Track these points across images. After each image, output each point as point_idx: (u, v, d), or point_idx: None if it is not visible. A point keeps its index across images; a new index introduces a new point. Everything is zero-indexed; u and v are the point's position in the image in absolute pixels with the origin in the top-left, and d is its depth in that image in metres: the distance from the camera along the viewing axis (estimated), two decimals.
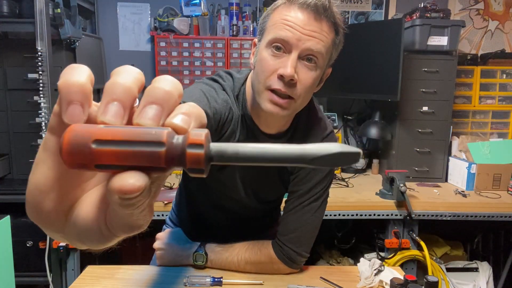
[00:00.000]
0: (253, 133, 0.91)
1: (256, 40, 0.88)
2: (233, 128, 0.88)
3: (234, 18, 2.37)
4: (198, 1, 2.32)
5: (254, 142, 0.68)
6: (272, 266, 1.04)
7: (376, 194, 1.89)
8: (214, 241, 1.07)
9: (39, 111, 1.73)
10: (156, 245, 1.08)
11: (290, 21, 0.78)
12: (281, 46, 0.79)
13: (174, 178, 2.02)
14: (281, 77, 0.78)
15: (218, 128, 0.84)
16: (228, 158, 0.25)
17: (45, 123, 1.74)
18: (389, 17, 2.52)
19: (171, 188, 1.88)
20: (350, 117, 2.51)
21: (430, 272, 1.73)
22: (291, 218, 0.99)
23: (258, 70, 0.82)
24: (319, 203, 0.99)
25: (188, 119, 0.26)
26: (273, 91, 0.80)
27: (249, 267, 1.04)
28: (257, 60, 0.83)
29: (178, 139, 0.25)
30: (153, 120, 0.26)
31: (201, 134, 0.25)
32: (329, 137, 0.98)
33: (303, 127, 0.95)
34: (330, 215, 1.78)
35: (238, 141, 0.89)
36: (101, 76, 2.43)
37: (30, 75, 1.78)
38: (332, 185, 2.22)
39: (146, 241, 1.94)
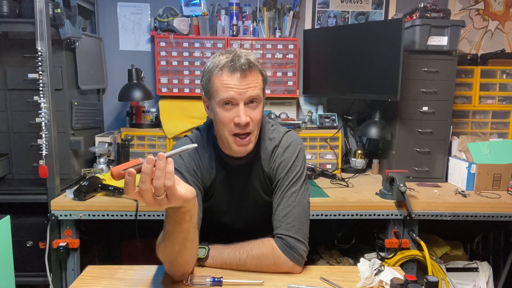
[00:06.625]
0: (223, 159, 1.18)
1: (204, 97, 1.14)
2: (209, 162, 1.17)
3: (234, 18, 2.37)
4: (198, 1, 2.32)
5: (225, 164, 1.17)
6: (274, 260, 1.06)
7: (376, 194, 1.89)
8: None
9: (39, 111, 1.73)
10: None
11: (228, 83, 1.03)
12: (229, 102, 1.04)
13: None
14: (238, 124, 1.04)
15: (198, 171, 1.16)
16: None
17: (45, 123, 1.74)
18: (389, 17, 2.52)
19: None
20: (350, 117, 2.51)
21: (430, 272, 1.73)
22: (279, 208, 1.12)
23: (219, 122, 1.07)
24: (298, 187, 1.13)
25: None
26: (236, 134, 1.06)
27: (250, 262, 1.06)
28: (214, 114, 1.09)
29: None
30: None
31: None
32: (286, 135, 1.19)
33: (263, 139, 1.18)
34: (330, 215, 1.78)
35: (216, 166, 1.18)
36: (101, 76, 2.43)
37: (30, 75, 1.78)
38: (332, 185, 2.22)
39: (146, 241, 1.94)
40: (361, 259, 1.08)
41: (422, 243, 1.75)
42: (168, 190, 0.78)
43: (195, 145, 0.83)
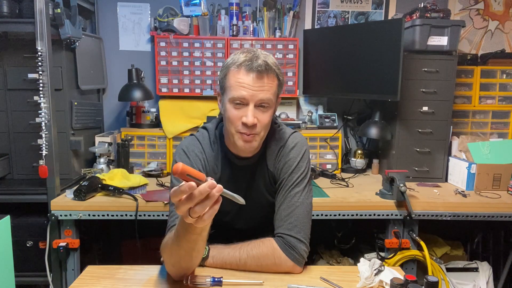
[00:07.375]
0: (229, 159, 1.18)
1: (219, 91, 1.14)
2: (215, 162, 1.18)
3: (234, 18, 2.37)
4: (198, 1, 2.32)
5: (231, 164, 1.17)
6: (274, 260, 1.06)
7: (376, 194, 1.89)
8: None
9: (39, 111, 1.73)
10: None
11: (242, 82, 1.03)
12: (240, 101, 1.04)
13: None
14: (245, 124, 1.04)
15: (203, 171, 1.15)
16: None
17: (45, 123, 1.74)
18: (389, 17, 2.52)
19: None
20: (350, 117, 2.51)
21: (430, 272, 1.73)
22: (282, 207, 1.12)
23: (228, 119, 1.08)
24: (302, 188, 1.13)
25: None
26: (242, 133, 1.07)
27: (250, 262, 1.06)
28: (225, 110, 1.09)
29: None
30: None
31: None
32: (292, 136, 1.20)
33: (271, 139, 1.19)
34: (330, 215, 1.78)
35: (221, 166, 1.18)
36: (101, 76, 2.43)
37: (30, 75, 1.78)
38: (332, 185, 2.22)
39: (146, 241, 1.94)
40: (361, 259, 1.08)
41: (422, 243, 1.75)
42: (200, 219, 0.78)
43: (243, 202, 0.85)
